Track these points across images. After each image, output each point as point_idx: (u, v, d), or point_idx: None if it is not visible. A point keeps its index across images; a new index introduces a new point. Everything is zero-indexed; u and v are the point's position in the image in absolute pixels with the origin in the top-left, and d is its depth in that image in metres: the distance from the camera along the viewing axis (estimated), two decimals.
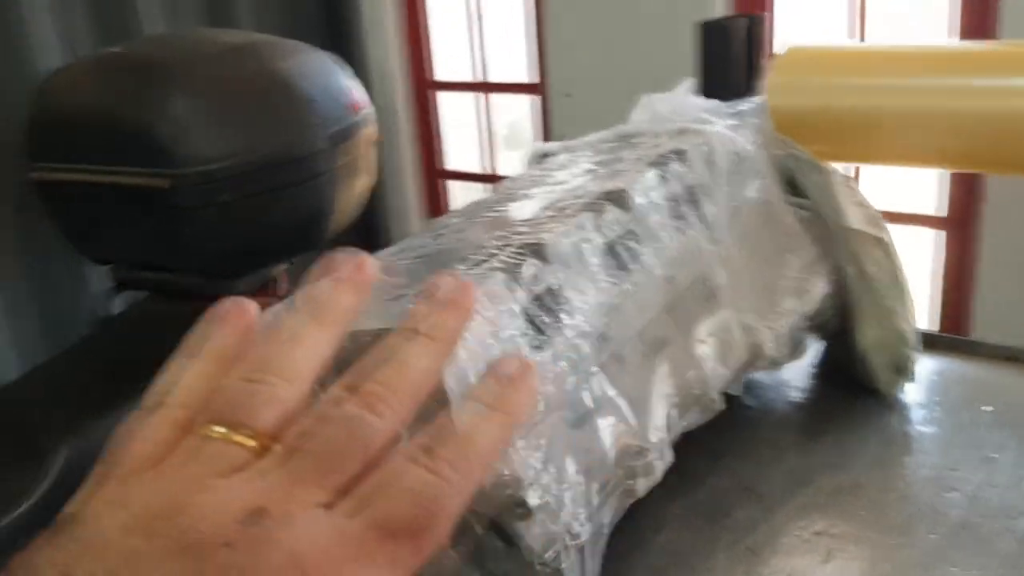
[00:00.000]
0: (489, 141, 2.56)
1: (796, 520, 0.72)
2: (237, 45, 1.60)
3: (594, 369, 0.64)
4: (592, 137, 0.99)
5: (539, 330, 0.61)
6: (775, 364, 0.84)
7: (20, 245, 1.97)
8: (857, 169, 1.81)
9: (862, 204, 0.93)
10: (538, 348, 0.60)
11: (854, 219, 0.90)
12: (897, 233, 0.94)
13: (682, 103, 0.93)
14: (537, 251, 0.63)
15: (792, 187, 0.93)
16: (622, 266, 0.69)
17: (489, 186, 2.64)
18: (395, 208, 2.71)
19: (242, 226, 1.54)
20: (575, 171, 0.85)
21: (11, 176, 1.90)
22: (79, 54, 2.00)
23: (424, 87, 2.61)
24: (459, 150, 2.71)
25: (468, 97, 2.51)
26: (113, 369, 1.59)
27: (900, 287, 0.91)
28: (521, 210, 0.75)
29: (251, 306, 0.31)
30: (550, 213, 0.71)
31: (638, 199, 0.72)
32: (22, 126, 1.65)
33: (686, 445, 0.86)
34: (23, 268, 2.00)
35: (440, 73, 2.57)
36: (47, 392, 1.51)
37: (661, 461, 0.64)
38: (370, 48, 2.61)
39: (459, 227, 0.77)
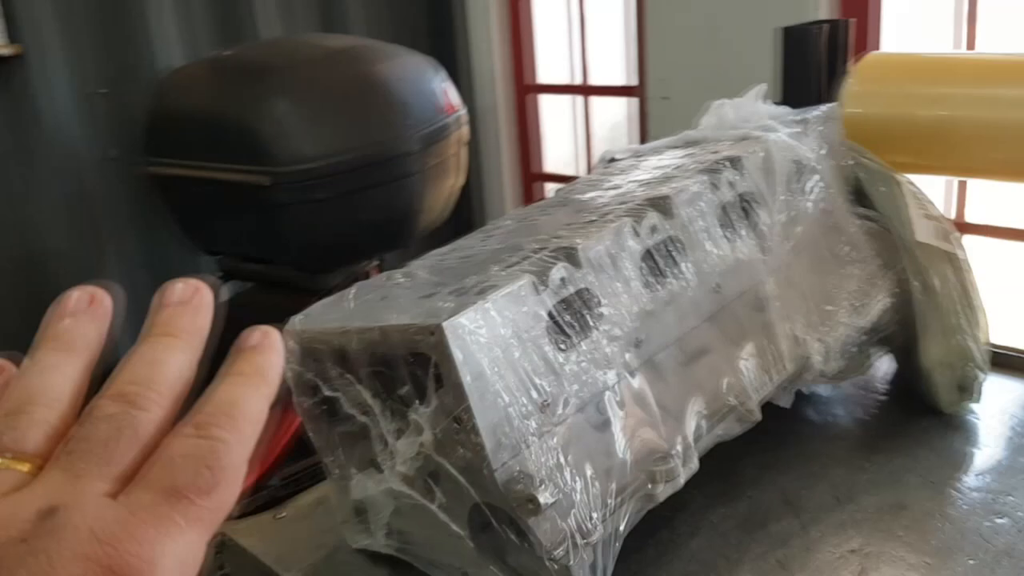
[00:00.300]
0: (587, 143, 2.57)
1: (832, 537, 0.71)
2: (338, 49, 1.67)
3: (624, 373, 0.65)
4: (660, 142, 1.00)
5: (566, 333, 0.62)
6: (829, 377, 0.82)
7: (141, 235, 2.12)
8: (963, 183, 1.73)
9: (933, 217, 0.90)
10: (563, 350, 0.62)
11: (923, 232, 0.87)
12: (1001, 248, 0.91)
13: (749, 109, 0.92)
14: (570, 255, 0.64)
15: (860, 197, 0.91)
16: (660, 273, 0.69)
17: None
18: (490, 208, 2.76)
19: (335, 222, 1.61)
20: (632, 177, 0.86)
21: (134, 170, 2.05)
22: (199, 57, 2.13)
23: (525, 90, 2.64)
24: (557, 152, 2.73)
25: (566, 100, 2.53)
26: (212, 355, 1.68)
27: (970, 304, 0.88)
28: (567, 214, 0.77)
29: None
30: (592, 218, 0.72)
31: (683, 207, 0.72)
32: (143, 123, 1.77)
33: (735, 455, 0.86)
34: (143, 256, 2.14)
35: (541, 76, 2.60)
36: None
37: (685, 468, 0.64)
38: (473, 52, 2.66)
39: (509, 228, 0.80)
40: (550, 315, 0.62)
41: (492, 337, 0.58)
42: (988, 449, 0.82)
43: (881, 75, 1.05)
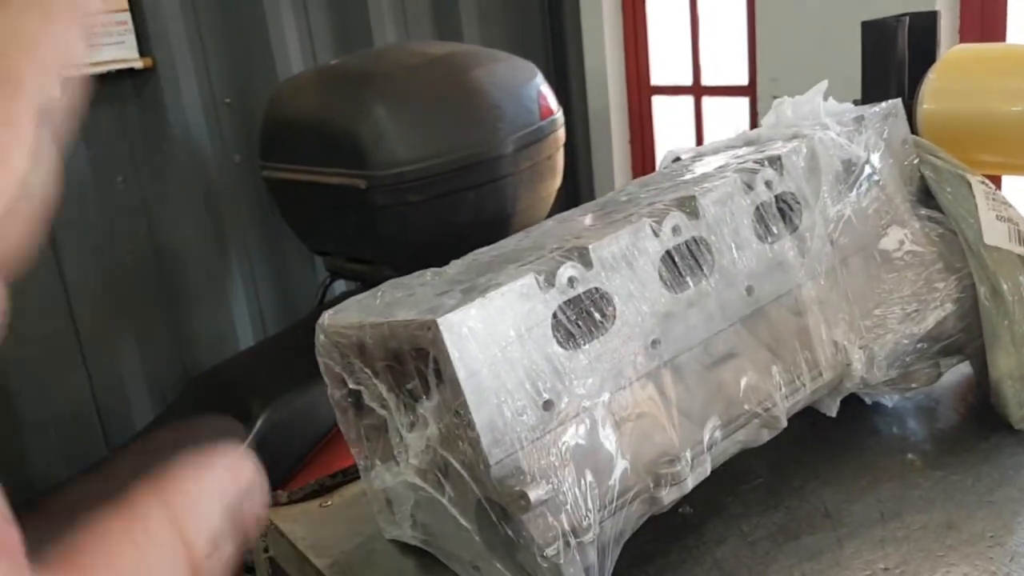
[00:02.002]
0: (699, 144, 2.54)
1: (866, 554, 0.68)
2: (437, 56, 1.72)
3: (637, 375, 0.65)
4: (720, 142, 0.98)
5: (570, 332, 0.63)
6: (882, 386, 0.79)
7: (260, 235, 2.24)
8: None
9: (1008, 219, 0.84)
10: (568, 349, 0.62)
11: (993, 235, 0.82)
12: None
13: (808, 107, 0.89)
14: (581, 254, 0.64)
15: (925, 198, 0.86)
16: (682, 274, 0.68)
17: None
18: None
19: (429, 224, 1.66)
20: (683, 177, 0.85)
21: (257, 175, 2.17)
22: (318, 60, 2.24)
23: (641, 91, 2.63)
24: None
25: (681, 101, 2.50)
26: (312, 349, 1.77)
27: None
28: (598, 215, 0.77)
29: None
30: (616, 218, 0.72)
31: (711, 207, 0.71)
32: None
33: (784, 463, 0.83)
34: (263, 254, 2.27)
35: (655, 78, 2.58)
36: (259, 365, 1.72)
37: (693, 473, 0.63)
38: (587, 55, 2.66)
39: (546, 228, 0.81)
40: (555, 314, 0.62)
41: (491, 334, 0.59)
42: None
43: (965, 69, 0.99)
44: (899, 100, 0.87)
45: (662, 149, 2.67)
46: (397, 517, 0.73)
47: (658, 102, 2.57)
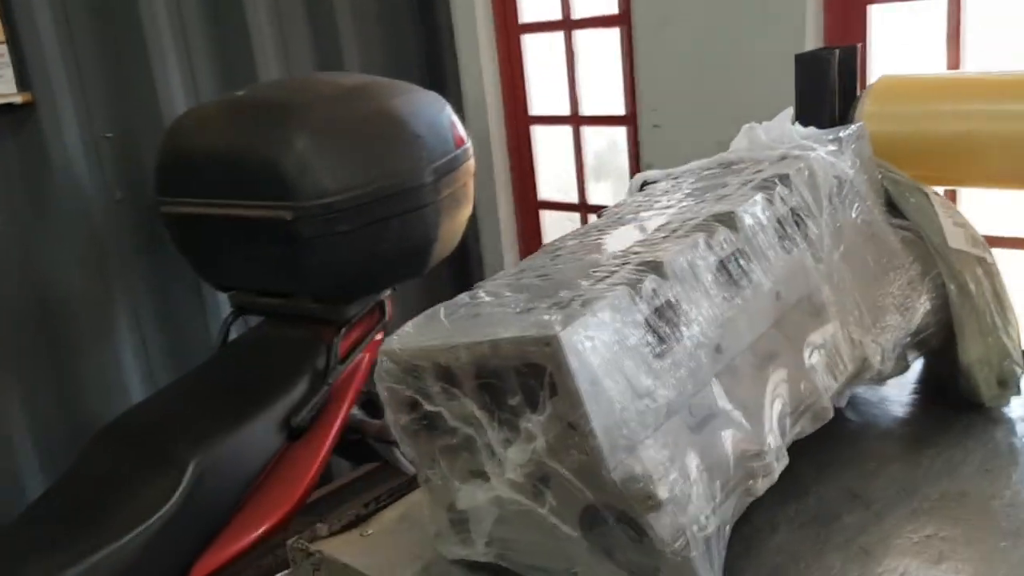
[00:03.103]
0: (580, 172, 2.63)
1: (905, 525, 0.76)
2: (353, 86, 1.72)
3: (711, 377, 0.69)
4: (694, 164, 1.05)
5: (660, 339, 0.67)
6: (881, 378, 0.87)
7: (147, 273, 2.13)
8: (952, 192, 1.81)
9: (962, 224, 0.96)
10: (659, 356, 0.66)
11: (954, 239, 0.93)
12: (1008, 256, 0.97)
13: (782, 131, 0.97)
14: (656, 268, 0.69)
15: (892, 209, 0.97)
16: (733, 282, 0.74)
17: (578, 215, 2.70)
18: (486, 239, 2.81)
19: (356, 254, 1.64)
20: (678, 196, 0.91)
21: (141, 212, 2.07)
22: (201, 99, 2.17)
23: (520, 121, 2.70)
24: (549, 181, 2.79)
25: (560, 130, 2.59)
26: (234, 388, 1.71)
27: (1001, 304, 0.93)
28: (631, 233, 0.82)
29: None
30: (663, 234, 0.77)
31: (747, 220, 0.77)
32: (151, 165, 1.80)
33: (792, 455, 0.90)
34: (150, 293, 2.15)
35: (536, 107, 2.66)
36: (177, 410, 1.63)
37: (778, 463, 0.69)
38: (466, 86, 2.72)
39: (573, 249, 0.84)
40: (646, 323, 0.66)
41: (600, 345, 0.62)
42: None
43: (895, 95, 1.12)
44: (863, 123, 0.97)
45: (543, 177, 2.76)
46: (473, 535, 0.73)
47: (538, 131, 2.67)
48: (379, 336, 1.84)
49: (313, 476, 1.64)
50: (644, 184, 1.08)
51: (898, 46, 1.99)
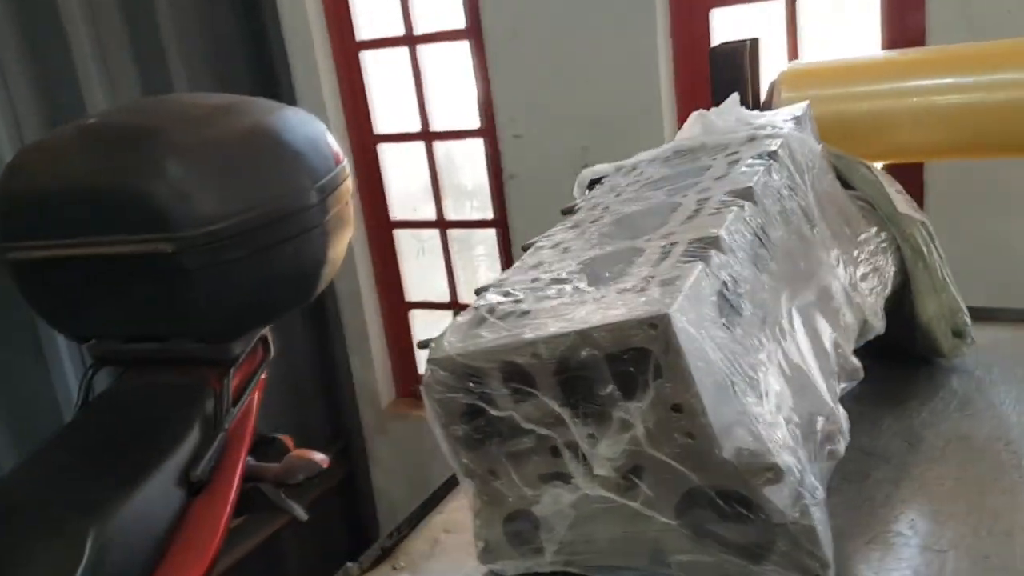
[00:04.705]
0: (436, 188, 2.61)
1: (930, 472, 0.79)
2: (220, 105, 1.60)
3: (767, 346, 0.70)
4: (646, 155, 1.05)
5: (729, 312, 0.66)
6: (870, 338, 0.92)
7: None
8: None
9: (901, 192, 1.03)
10: (730, 329, 0.66)
11: (901, 205, 1.00)
12: None
13: (738, 115, 1.01)
14: (715, 243, 0.68)
15: (841, 182, 1.02)
16: (765, 254, 0.75)
17: (437, 231, 2.67)
18: (343, 261, 2.71)
19: (245, 284, 1.52)
20: (655, 184, 0.91)
21: None
22: (24, 132, 1.95)
23: (366, 140, 2.64)
24: (403, 195, 2.75)
25: (414, 146, 2.55)
26: (118, 446, 1.52)
27: (944, 262, 1.01)
28: (645, 219, 0.81)
29: None
30: (688, 214, 0.76)
31: (762, 196, 0.79)
32: None
33: None
34: None
35: (389, 125, 2.61)
36: (58, 477, 1.44)
37: (846, 422, 0.70)
38: (305, 107, 2.62)
39: (583, 246, 0.81)
40: (719, 297, 0.65)
41: (698, 322, 0.61)
42: (988, 382, 0.95)
43: (806, 81, 1.19)
44: (808, 102, 1.02)
45: (393, 195, 2.70)
46: (544, 543, 0.69)
47: (387, 149, 2.61)
48: (264, 374, 1.72)
49: (223, 531, 1.49)
50: (597, 181, 1.07)
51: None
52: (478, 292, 0.78)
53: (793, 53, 1.94)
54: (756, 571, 0.63)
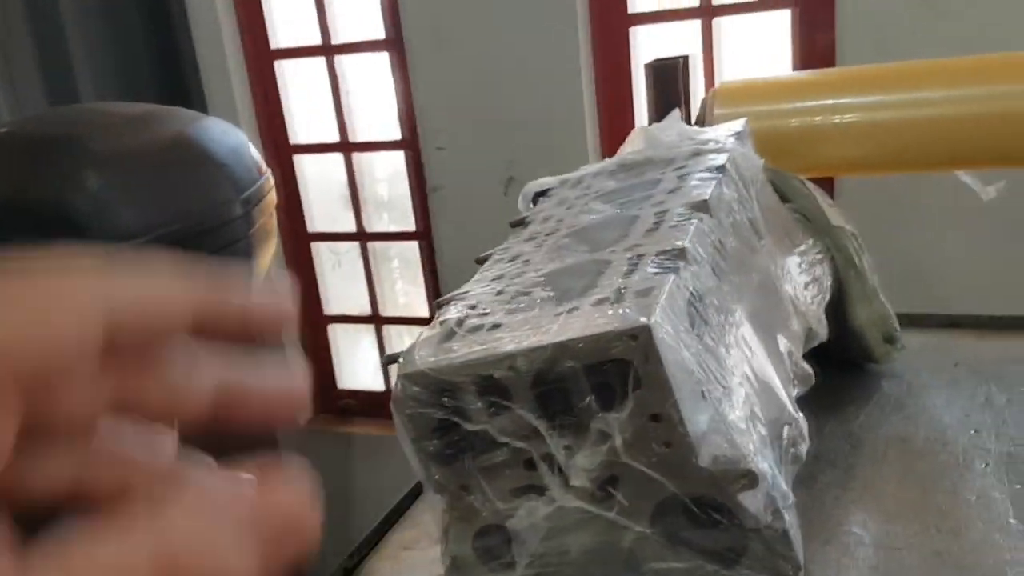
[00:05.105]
0: (356, 200, 2.58)
1: (878, 474, 0.83)
2: (140, 115, 1.55)
3: (730, 351, 0.72)
4: (590, 169, 1.07)
5: (697, 323, 0.67)
6: (812, 344, 0.95)
7: None
8: None
9: (832, 205, 1.07)
10: (700, 337, 0.67)
11: (834, 217, 1.04)
12: None
13: (681, 130, 1.03)
14: (681, 255, 0.70)
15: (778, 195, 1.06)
16: (723, 264, 0.77)
17: (357, 244, 2.64)
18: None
19: None
20: (606, 197, 0.93)
21: None
22: None
23: (282, 152, 2.59)
24: (317, 207, 2.71)
25: (334, 157, 2.52)
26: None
27: (873, 272, 1.06)
28: (604, 231, 0.82)
29: None
30: (646, 227, 0.78)
31: (716, 209, 0.81)
32: None
33: None
34: None
35: (302, 135, 2.57)
36: None
37: (806, 426, 0.72)
38: (214, 115, 2.55)
39: (542, 258, 0.82)
40: (688, 306, 0.67)
41: (675, 332, 0.62)
42: (918, 385, 0.99)
43: (738, 98, 1.23)
44: (746, 119, 1.05)
45: (312, 208, 2.66)
46: (516, 557, 0.69)
47: (305, 160, 2.56)
48: None
49: None
50: (542, 193, 1.08)
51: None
52: (439, 305, 0.78)
53: (710, 71, 2.01)
54: None
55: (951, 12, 1.66)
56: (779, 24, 1.90)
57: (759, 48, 2.04)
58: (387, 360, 0.70)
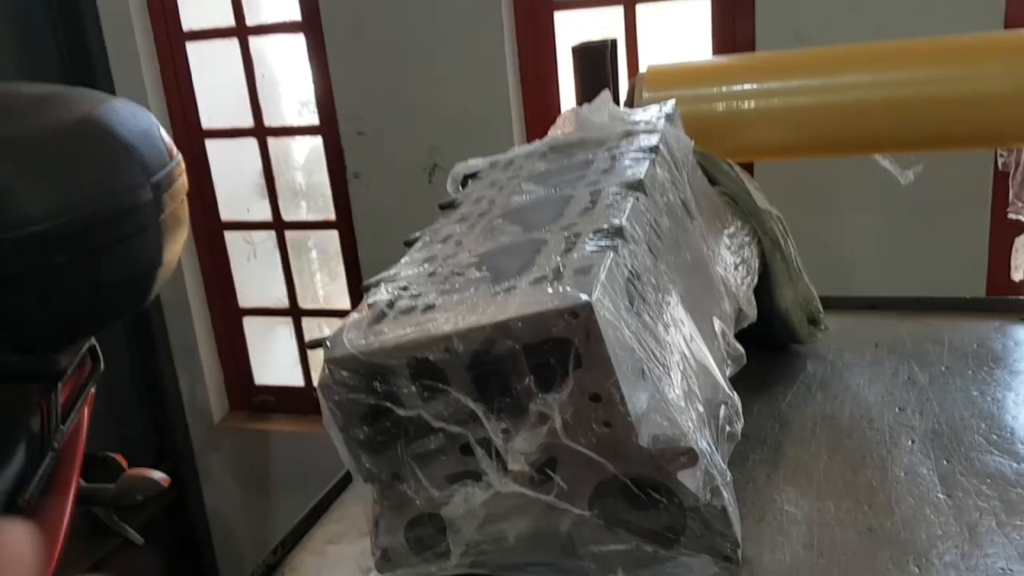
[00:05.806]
0: (271, 186, 2.50)
1: (806, 452, 0.83)
2: (42, 96, 1.45)
3: (669, 329, 0.71)
4: (520, 151, 1.05)
5: (635, 300, 0.66)
6: (742, 325, 0.95)
7: None
8: None
9: (758, 188, 1.08)
10: (638, 315, 0.66)
11: (761, 201, 1.05)
12: None
13: (612, 112, 1.02)
14: (619, 232, 0.68)
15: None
16: (659, 244, 0.76)
17: (274, 233, 2.56)
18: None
19: (75, 290, 1.39)
20: (538, 179, 0.91)
21: None
22: None
23: (193, 136, 2.49)
24: (229, 195, 2.62)
25: (248, 143, 2.43)
26: None
27: (797, 254, 1.07)
28: (540, 212, 0.80)
29: None
30: (585, 206, 0.76)
31: (652, 189, 0.80)
32: None
33: None
34: None
35: (215, 120, 2.47)
36: None
37: (739, 406, 0.72)
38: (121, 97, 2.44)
39: (476, 238, 0.79)
40: (629, 283, 0.65)
41: (615, 310, 0.60)
42: (841, 365, 1.01)
43: (666, 81, 1.22)
44: (675, 100, 1.05)
45: (225, 196, 2.57)
46: (451, 545, 0.67)
47: (218, 146, 2.47)
48: (94, 388, 1.58)
49: (57, 560, 1.36)
50: (471, 176, 1.06)
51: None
52: (366, 288, 0.75)
53: (632, 56, 2.01)
54: (668, 555, 0.63)
55: (866, 1, 1.70)
56: (699, 12, 1.92)
57: (679, 36, 2.06)
58: (311, 344, 0.67)
